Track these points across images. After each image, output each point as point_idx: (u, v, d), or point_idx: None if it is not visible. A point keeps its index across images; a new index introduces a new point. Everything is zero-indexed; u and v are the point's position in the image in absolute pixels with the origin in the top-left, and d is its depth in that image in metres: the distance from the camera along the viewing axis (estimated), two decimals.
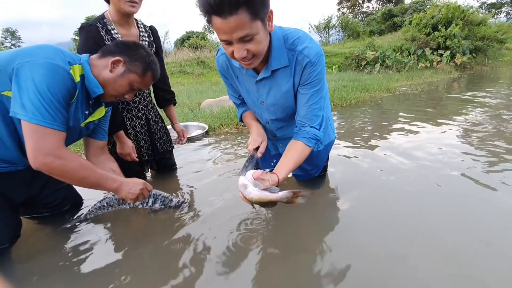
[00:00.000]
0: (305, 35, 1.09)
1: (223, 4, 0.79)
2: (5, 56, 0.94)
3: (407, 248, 1.07)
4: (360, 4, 27.65)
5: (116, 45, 1.12)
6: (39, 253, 1.17)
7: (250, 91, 1.24)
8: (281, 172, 1.05)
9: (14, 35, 30.03)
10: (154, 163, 1.80)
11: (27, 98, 0.89)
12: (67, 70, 0.96)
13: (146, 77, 1.15)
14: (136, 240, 1.22)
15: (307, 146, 1.15)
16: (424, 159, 1.89)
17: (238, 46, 0.89)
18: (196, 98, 4.88)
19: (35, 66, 0.90)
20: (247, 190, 0.93)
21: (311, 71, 1.07)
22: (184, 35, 16.85)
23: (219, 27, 0.85)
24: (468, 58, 9.00)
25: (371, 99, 4.54)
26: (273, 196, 0.92)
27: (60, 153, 0.96)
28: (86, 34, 1.37)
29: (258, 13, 0.84)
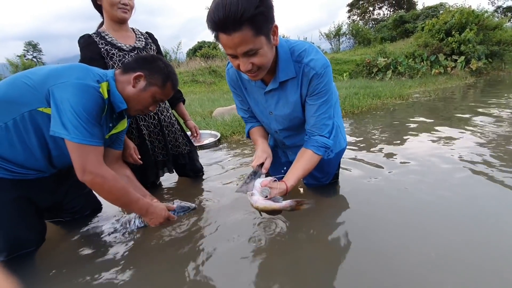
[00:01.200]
0: (311, 47, 1.12)
1: (227, 22, 0.84)
2: (39, 75, 1.03)
3: (420, 258, 1.06)
4: (371, 11, 27.62)
5: (135, 61, 1.18)
6: (60, 258, 1.22)
7: (258, 102, 1.28)
8: (290, 180, 1.08)
9: (35, 47, 31.55)
10: (171, 165, 1.78)
11: (67, 119, 0.97)
12: (97, 89, 1.04)
13: (166, 87, 1.20)
14: (147, 249, 1.26)
15: (316, 154, 1.18)
16: (438, 167, 1.86)
17: (243, 60, 0.94)
18: (208, 107, 4.98)
19: (69, 87, 0.98)
20: (253, 198, 0.98)
21: (318, 83, 1.10)
22: (196, 45, 17.27)
23: (225, 43, 0.90)
24: (484, 63, 8.78)
25: (383, 106, 4.50)
26: (276, 205, 0.97)
27: (102, 172, 1.05)
28: (82, 45, 1.45)
29: (261, 29, 0.89)
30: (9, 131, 1.03)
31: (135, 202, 1.16)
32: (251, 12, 0.83)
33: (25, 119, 1.02)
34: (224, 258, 1.13)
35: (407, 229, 1.23)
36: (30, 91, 1.00)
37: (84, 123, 0.99)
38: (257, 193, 0.99)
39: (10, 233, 1.12)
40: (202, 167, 1.97)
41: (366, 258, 1.07)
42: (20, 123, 1.02)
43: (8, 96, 1.01)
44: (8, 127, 1.02)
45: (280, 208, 0.97)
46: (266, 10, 0.87)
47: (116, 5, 1.42)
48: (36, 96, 1.00)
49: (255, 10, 0.84)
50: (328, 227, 1.30)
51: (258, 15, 0.85)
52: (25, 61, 13.78)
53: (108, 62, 1.47)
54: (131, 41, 1.55)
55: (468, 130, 2.70)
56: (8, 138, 1.03)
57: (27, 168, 1.11)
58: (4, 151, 1.05)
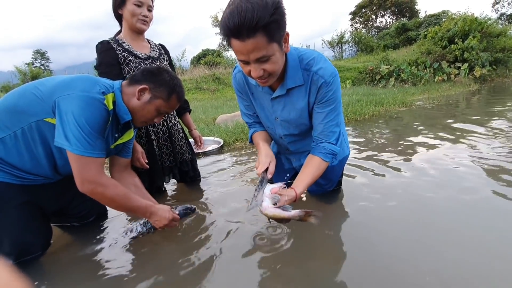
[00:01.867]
0: (320, 56, 1.14)
1: (241, 29, 0.85)
2: (48, 86, 1.06)
3: (423, 267, 1.04)
4: (373, 19, 27.83)
5: (141, 73, 1.20)
6: (67, 262, 1.23)
7: (264, 107, 1.29)
8: (299, 187, 1.08)
9: (43, 56, 32.26)
10: (177, 171, 1.81)
11: (69, 130, 0.99)
12: (101, 101, 1.06)
13: (171, 100, 1.21)
14: (148, 255, 1.26)
15: (323, 161, 1.19)
16: (441, 175, 1.85)
17: (255, 66, 0.95)
18: (211, 114, 5.01)
19: (74, 99, 1.01)
20: (263, 205, 0.98)
21: (326, 91, 1.12)
22: (200, 53, 17.49)
23: (238, 49, 0.91)
24: (488, 71, 8.75)
25: (386, 113, 4.49)
26: (285, 214, 0.97)
27: (102, 181, 1.06)
28: (100, 50, 1.51)
29: (274, 36, 0.90)
30: (18, 140, 1.05)
31: (138, 206, 1.17)
32: (266, 20, 0.84)
33: (33, 129, 1.05)
34: (223, 265, 1.12)
35: (410, 240, 1.22)
36: (38, 102, 1.03)
37: (86, 135, 1.01)
38: (267, 199, 0.99)
39: (17, 237, 1.13)
40: (200, 174, 2.01)
41: (366, 269, 1.06)
42: (28, 132, 1.05)
43: (17, 106, 1.04)
44: (17, 136, 1.05)
45: (289, 217, 0.97)
46: (280, 17, 0.89)
47: (137, 16, 1.49)
48: (43, 107, 1.03)
49: (270, 18, 0.85)
50: (330, 235, 1.30)
51: (272, 23, 0.86)
52: (33, 69, 14.02)
53: (124, 68, 1.52)
54: (147, 51, 1.62)
55: (473, 137, 2.69)
56: (16, 146, 1.06)
57: (34, 174, 1.13)
58: (13, 159, 1.08)
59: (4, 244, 1.10)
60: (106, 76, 1.48)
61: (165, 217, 1.22)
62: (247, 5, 0.83)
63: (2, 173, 1.08)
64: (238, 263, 1.13)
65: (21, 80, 12.88)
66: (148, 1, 1.50)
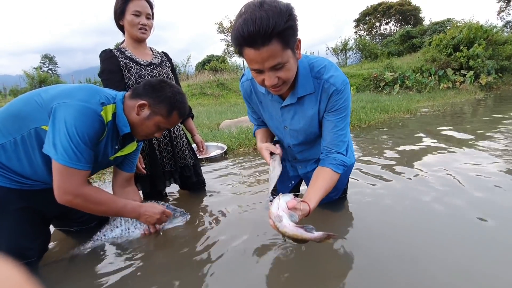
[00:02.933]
0: (331, 64, 1.12)
1: (256, 37, 0.83)
2: (50, 94, 1.05)
3: (429, 274, 1.01)
4: (378, 27, 27.96)
5: (143, 87, 1.17)
6: (62, 268, 1.22)
7: (273, 116, 1.27)
8: (312, 201, 1.03)
9: (51, 60, 32.83)
10: (177, 176, 1.80)
11: (58, 139, 0.98)
12: (97, 112, 1.04)
13: (171, 117, 1.18)
14: (149, 262, 1.24)
15: (335, 172, 1.14)
16: (449, 183, 1.81)
17: (269, 74, 0.93)
18: (215, 119, 5.02)
19: (69, 108, 1.00)
20: (282, 223, 0.88)
21: (337, 99, 1.10)
22: (205, 59, 17.68)
23: (252, 58, 0.89)
24: (494, 78, 8.70)
25: (390, 120, 4.46)
26: (308, 236, 0.86)
27: (81, 192, 1.05)
28: (102, 58, 1.54)
29: (289, 43, 0.89)
30: (18, 146, 1.06)
31: (125, 208, 1.16)
32: (281, 27, 0.82)
33: (32, 135, 1.04)
34: (225, 270, 1.10)
35: (416, 247, 1.19)
36: (38, 109, 1.03)
37: (74, 145, 0.99)
38: (285, 216, 0.89)
39: (13, 241, 1.12)
40: (204, 181, 1.98)
41: (371, 276, 1.03)
42: (27, 139, 1.05)
43: (21, 113, 1.05)
44: (17, 142, 1.05)
45: (311, 239, 0.87)
46: (294, 23, 0.87)
47: (136, 26, 1.51)
48: (42, 114, 1.02)
49: (285, 24, 0.83)
50: (336, 242, 1.27)
51: (287, 29, 0.85)
52: (41, 73, 14.26)
53: (125, 74, 1.54)
54: (148, 58, 1.64)
55: (479, 145, 2.64)
56: (16, 152, 1.06)
57: (33, 180, 1.13)
58: (13, 164, 1.08)
59: (0, 248, 1.09)
60: (108, 82, 1.51)
61: (154, 212, 1.21)
62: (261, 13, 0.81)
63: (1, 177, 1.08)
64: (239, 268, 1.10)
65: (29, 84, 13.09)
66: (146, 10, 1.52)
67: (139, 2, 1.50)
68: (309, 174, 1.40)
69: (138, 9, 1.49)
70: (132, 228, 1.35)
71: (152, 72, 1.60)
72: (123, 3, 1.49)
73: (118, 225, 1.36)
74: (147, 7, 1.53)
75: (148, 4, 1.54)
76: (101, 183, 2.33)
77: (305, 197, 1.05)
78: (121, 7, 1.50)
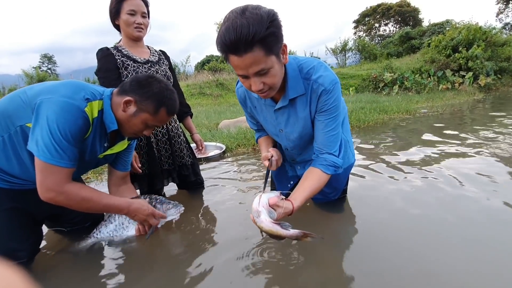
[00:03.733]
0: (320, 64, 1.12)
1: (238, 44, 0.84)
2: (34, 90, 1.03)
3: (431, 276, 1.00)
4: (377, 28, 28.02)
5: (130, 83, 1.12)
6: (57, 269, 1.20)
7: (268, 120, 1.27)
8: (297, 200, 1.03)
9: (50, 60, 32.74)
10: (176, 175, 1.78)
11: (40, 135, 0.95)
12: (81, 109, 1.00)
13: (159, 114, 1.13)
14: (144, 264, 1.23)
15: (324, 173, 1.14)
16: (447, 184, 1.80)
17: (254, 80, 0.94)
18: (214, 119, 5.01)
19: (51, 104, 0.97)
20: (260, 218, 0.92)
21: (326, 99, 1.09)
22: (205, 59, 17.66)
23: (236, 64, 0.90)
24: (493, 79, 8.72)
25: (390, 121, 4.46)
26: (283, 232, 0.90)
27: (63, 189, 1.02)
28: (99, 56, 1.53)
29: (272, 49, 0.89)
30: (6, 145, 1.04)
31: (112, 204, 1.13)
32: (262, 34, 0.83)
33: (18, 133, 1.02)
34: (224, 273, 1.09)
35: (417, 249, 1.18)
36: (23, 106, 1.01)
37: (56, 142, 0.96)
38: (264, 212, 0.92)
39: (2, 243, 1.10)
40: (203, 180, 1.96)
41: (372, 278, 1.01)
42: (14, 137, 1.03)
43: (6, 111, 1.03)
44: (5, 141, 1.03)
45: (286, 236, 0.91)
46: (276, 30, 0.88)
47: (132, 25, 1.50)
48: (26, 111, 1.00)
49: (266, 31, 0.84)
50: (335, 245, 1.26)
51: (269, 36, 0.85)
52: (40, 72, 14.23)
53: (123, 72, 1.52)
54: (146, 56, 1.62)
55: (478, 146, 2.64)
56: (4, 151, 1.04)
57: (23, 179, 1.11)
58: (2, 163, 1.06)
59: None
60: (105, 80, 1.49)
61: (144, 210, 1.17)
62: (242, 20, 0.82)
63: None
64: (239, 271, 1.09)
65: (28, 84, 13.05)
66: (141, 9, 1.50)
67: (134, 1, 1.48)
68: None
69: (133, 8, 1.47)
70: (126, 223, 1.33)
71: (150, 69, 1.58)
72: (118, 3, 1.48)
73: (113, 221, 1.33)
74: (142, 6, 1.51)
75: (143, 3, 1.52)
76: (98, 182, 2.31)
77: (291, 196, 1.06)
78: (116, 6, 1.48)
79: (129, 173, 1.39)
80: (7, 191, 1.09)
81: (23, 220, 1.16)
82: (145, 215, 1.18)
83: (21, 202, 1.14)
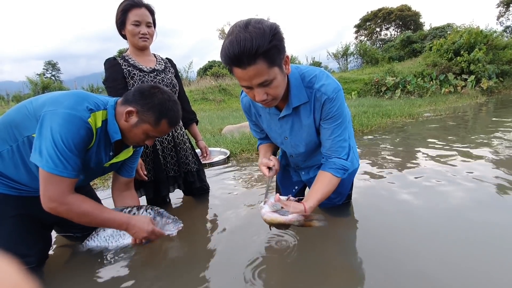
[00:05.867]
0: (322, 73, 1.14)
1: (242, 57, 0.87)
2: (40, 101, 1.05)
3: (438, 280, 1.00)
4: (378, 32, 28.14)
5: (133, 93, 1.13)
6: (55, 273, 1.21)
7: (273, 128, 1.30)
8: (308, 202, 1.06)
9: (54, 66, 33.10)
10: (181, 182, 1.79)
11: (44, 146, 0.97)
12: (84, 119, 1.02)
13: (160, 125, 1.12)
14: (150, 269, 1.23)
15: (335, 176, 1.17)
16: (451, 187, 1.80)
17: (258, 91, 0.97)
18: (217, 124, 5.04)
19: (55, 115, 0.98)
20: (262, 210, 0.99)
21: (330, 107, 1.12)
22: (207, 64, 17.79)
23: (240, 76, 0.93)
24: (495, 83, 8.71)
25: (393, 125, 4.46)
26: (282, 218, 0.95)
27: (65, 200, 1.02)
28: (107, 66, 1.58)
29: (275, 61, 0.92)
30: (14, 154, 1.06)
31: (112, 219, 1.13)
32: (265, 47, 0.86)
33: (25, 143, 1.05)
34: (230, 276, 1.09)
35: (423, 255, 1.18)
36: (29, 117, 1.03)
37: (60, 153, 0.97)
38: (266, 206, 0.99)
39: (10, 248, 1.11)
40: (208, 186, 1.97)
41: (378, 282, 1.01)
42: (22, 147, 1.05)
43: (14, 121, 1.05)
44: (13, 150, 1.06)
45: (287, 222, 0.95)
46: (278, 43, 0.90)
47: (137, 35, 1.54)
48: (32, 122, 1.02)
49: (268, 44, 0.86)
50: (340, 250, 1.26)
51: (271, 49, 0.88)
52: (44, 79, 14.40)
53: (129, 81, 1.56)
54: (152, 64, 1.66)
55: (483, 150, 2.63)
56: (13, 160, 1.07)
57: (31, 187, 1.13)
58: (10, 172, 1.08)
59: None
60: (112, 90, 1.53)
61: (144, 229, 1.16)
62: (245, 34, 0.85)
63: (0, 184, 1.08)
64: (244, 276, 1.09)
65: (32, 90, 13.21)
66: (146, 19, 1.53)
67: (138, 11, 1.51)
68: (312, 180, 1.40)
69: (137, 19, 1.51)
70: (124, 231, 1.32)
71: (155, 78, 1.61)
72: (123, 14, 1.51)
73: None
74: (147, 16, 1.53)
75: (149, 12, 1.55)
76: (104, 188, 2.33)
77: (304, 199, 1.10)
78: (121, 17, 1.52)
79: (133, 179, 1.41)
80: (15, 198, 1.11)
81: (32, 226, 1.18)
82: (145, 232, 1.17)
83: (29, 209, 1.15)
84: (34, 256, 1.18)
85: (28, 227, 1.16)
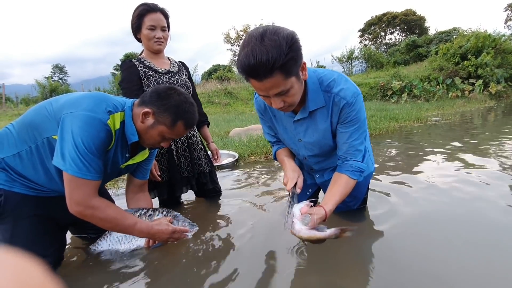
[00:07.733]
0: (340, 77, 1.13)
1: (258, 71, 0.86)
2: (59, 103, 1.05)
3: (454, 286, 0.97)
4: (382, 36, 28.12)
5: (150, 94, 1.13)
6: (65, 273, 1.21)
7: (287, 129, 1.28)
8: (328, 205, 1.06)
9: (62, 70, 33.67)
10: (194, 182, 1.79)
11: (66, 150, 0.97)
12: (103, 122, 1.02)
13: (176, 127, 1.11)
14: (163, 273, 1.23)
15: (351, 179, 1.16)
16: (467, 192, 1.76)
17: (274, 99, 0.97)
18: (224, 127, 5.04)
19: (74, 118, 0.99)
20: (296, 228, 0.96)
21: (349, 111, 1.10)
22: (211, 68, 17.92)
23: (257, 87, 0.93)
24: (504, 87, 8.61)
25: (401, 129, 4.42)
26: (321, 235, 0.94)
27: (92, 203, 1.03)
28: (123, 68, 1.60)
29: (291, 72, 0.91)
30: (33, 155, 1.06)
31: (133, 227, 1.12)
32: (281, 61, 0.85)
33: (44, 145, 1.05)
34: (243, 278, 1.08)
35: (441, 259, 1.15)
36: (48, 118, 1.03)
37: (82, 156, 0.98)
38: (298, 222, 0.96)
39: (26, 248, 1.10)
40: (220, 189, 1.97)
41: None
42: (41, 148, 1.06)
43: (33, 122, 1.06)
44: (32, 151, 1.06)
45: (325, 237, 0.94)
46: (295, 54, 0.88)
47: (152, 39, 1.56)
48: (52, 123, 1.03)
49: (285, 58, 0.85)
50: (355, 256, 1.24)
51: (288, 61, 0.87)
52: (51, 82, 14.61)
53: (145, 82, 1.58)
54: (166, 66, 1.68)
55: (493, 154, 2.59)
56: (32, 161, 1.07)
57: (48, 188, 1.13)
58: (29, 172, 1.09)
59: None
60: (127, 91, 1.55)
61: (165, 232, 1.16)
62: (262, 48, 0.83)
63: (18, 184, 1.08)
64: (257, 278, 1.08)
65: (40, 93, 13.38)
66: (161, 23, 1.55)
67: (154, 15, 1.53)
68: (326, 183, 1.38)
69: (152, 23, 1.53)
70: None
71: (170, 79, 1.63)
72: (138, 19, 1.53)
73: None
74: (162, 20, 1.55)
75: (163, 16, 1.57)
76: (115, 190, 2.34)
77: (322, 202, 1.09)
78: (137, 22, 1.54)
79: (147, 181, 1.41)
80: (33, 198, 1.12)
81: (48, 226, 1.18)
82: (167, 234, 1.18)
83: (46, 209, 1.16)
84: (51, 256, 1.18)
85: (45, 228, 1.16)
